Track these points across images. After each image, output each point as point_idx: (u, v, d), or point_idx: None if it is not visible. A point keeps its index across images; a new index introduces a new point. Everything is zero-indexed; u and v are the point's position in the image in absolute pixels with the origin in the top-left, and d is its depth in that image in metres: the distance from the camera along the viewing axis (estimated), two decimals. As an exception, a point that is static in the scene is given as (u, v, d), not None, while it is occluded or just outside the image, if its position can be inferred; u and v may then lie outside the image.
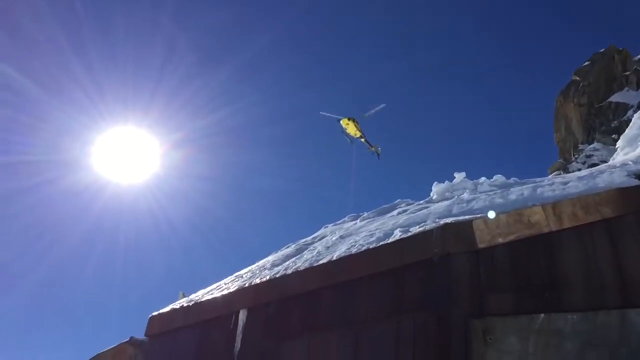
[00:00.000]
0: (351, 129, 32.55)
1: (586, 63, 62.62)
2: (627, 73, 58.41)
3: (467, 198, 7.44)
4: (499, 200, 6.47)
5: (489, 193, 7.43)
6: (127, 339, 8.63)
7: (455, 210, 6.81)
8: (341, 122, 32.47)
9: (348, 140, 33.45)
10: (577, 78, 61.61)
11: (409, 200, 9.76)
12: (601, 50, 62.84)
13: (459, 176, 9.58)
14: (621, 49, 61.58)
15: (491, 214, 5.62)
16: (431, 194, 9.42)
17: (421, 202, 9.12)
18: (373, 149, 34.05)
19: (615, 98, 56.71)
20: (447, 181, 9.60)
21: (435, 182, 9.67)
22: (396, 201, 9.92)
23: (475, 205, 6.70)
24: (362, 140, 33.46)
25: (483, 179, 8.84)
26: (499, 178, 8.66)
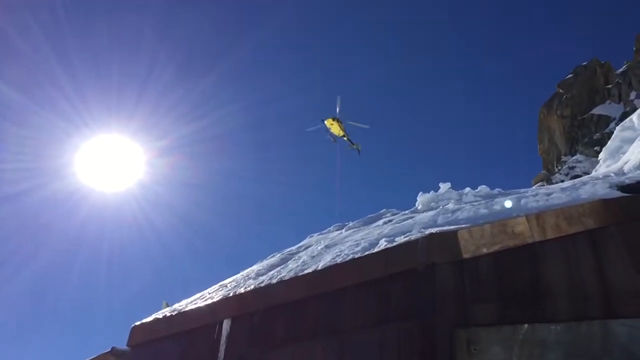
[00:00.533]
0: (335, 128, 34.05)
1: (569, 76, 63.46)
2: (610, 86, 59.28)
3: (452, 208, 7.48)
4: (483, 211, 6.51)
5: (474, 203, 7.48)
6: (109, 349, 8.51)
7: (440, 220, 6.84)
8: (325, 122, 33.71)
9: (331, 139, 34.66)
10: (561, 90, 62.42)
11: (394, 210, 9.79)
12: (584, 64, 63.74)
13: (444, 186, 9.64)
14: (603, 62, 62.49)
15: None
16: (416, 204, 9.46)
17: (406, 211, 9.16)
18: (354, 147, 35.42)
19: (597, 110, 57.52)
20: (432, 191, 9.66)
21: (421, 192, 9.72)
22: (382, 211, 9.94)
23: (460, 215, 6.74)
24: (345, 138, 34.74)
25: (468, 189, 8.91)
26: (483, 189, 8.73)
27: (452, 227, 6.01)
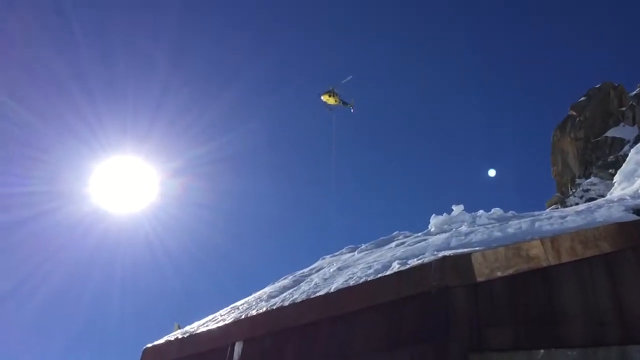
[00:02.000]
0: (331, 100, 36.66)
1: (582, 98, 63.23)
2: (623, 109, 58.97)
3: (465, 231, 7.43)
4: (497, 234, 6.46)
5: (487, 226, 7.42)
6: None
7: (453, 243, 6.80)
8: (322, 97, 36.51)
9: (327, 110, 37.48)
10: (574, 113, 62.16)
11: (407, 232, 9.74)
12: (597, 86, 63.53)
13: (457, 209, 9.59)
14: (616, 84, 62.27)
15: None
16: (429, 227, 9.41)
17: (419, 234, 9.11)
18: (349, 106, 37.99)
19: (611, 133, 57.14)
20: (445, 214, 9.60)
21: (433, 215, 9.67)
22: (394, 233, 9.90)
23: (474, 238, 6.69)
24: (342, 104, 37.46)
25: (481, 212, 8.85)
26: (497, 211, 8.67)
27: (465, 250, 5.96)
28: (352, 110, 39.26)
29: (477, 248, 5.83)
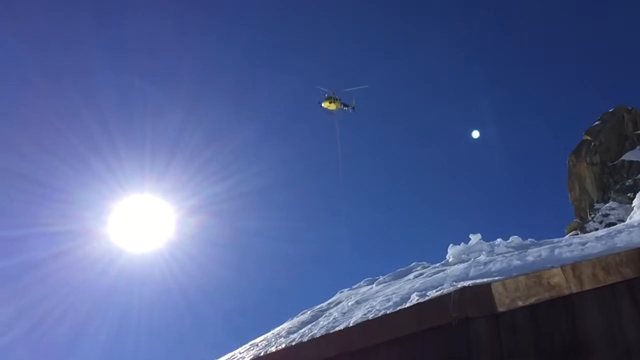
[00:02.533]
0: (333, 106, 36.87)
1: (596, 122, 63.04)
2: (639, 132, 58.63)
3: (484, 260, 7.36)
4: (516, 262, 6.39)
5: (506, 255, 7.35)
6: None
7: (472, 272, 6.73)
8: (323, 105, 36.79)
9: (330, 114, 37.77)
10: (588, 137, 61.89)
11: (424, 263, 9.66)
12: (610, 110, 63.37)
13: (475, 238, 9.50)
14: (630, 108, 62.08)
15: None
16: (447, 257, 9.32)
17: (437, 264, 9.02)
18: (350, 107, 38.01)
19: (628, 157, 56.72)
20: (462, 243, 9.51)
21: (451, 245, 9.58)
22: (412, 264, 9.82)
23: (493, 267, 6.62)
24: (344, 108, 37.54)
25: (499, 240, 8.77)
26: (515, 239, 8.58)
27: (485, 279, 5.90)
28: (352, 111, 39.28)
29: (497, 277, 5.76)
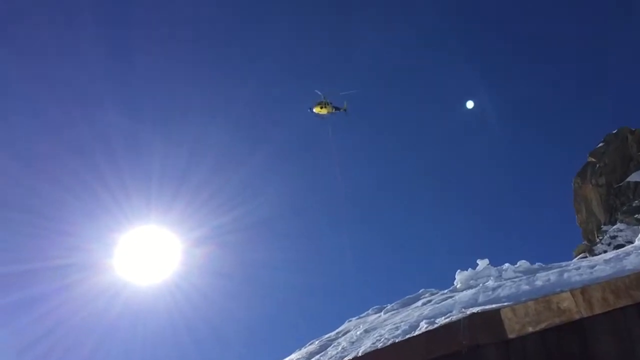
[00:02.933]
0: (324, 111, 36.38)
1: (600, 144, 63.02)
2: (643, 153, 58.62)
3: (492, 286, 7.31)
4: (525, 287, 6.34)
5: (514, 280, 7.30)
6: None
7: (481, 298, 6.67)
8: (314, 110, 36.25)
9: (320, 118, 37.20)
10: (593, 159, 61.82)
11: (432, 289, 9.59)
12: (614, 132, 63.42)
13: (482, 263, 9.44)
14: (634, 129, 62.14)
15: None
16: (455, 283, 9.26)
17: (445, 291, 8.96)
18: (342, 110, 37.41)
19: (633, 178, 56.56)
20: (470, 268, 9.45)
21: (458, 270, 9.52)
22: (420, 291, 9.75)
23: (502, 292, 6.57)
24: (335, 112, 37.05)
25: (507, 265, 8.71)
26: (523, 263, 8.53)
27: (494, 305, 5.85)
28: (345, 113, 38.58)
29: (506, 303, 5.72)
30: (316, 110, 36.82)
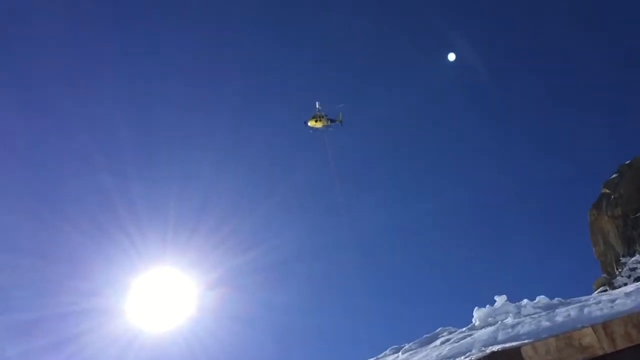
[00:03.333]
0: (319, 124, 36.11)
1: (614, 175, 62.57)
2: (658, 182, 58.07)
3: (511, 323, 7.20)
4: (545, 323, 6.24)
5: (534, 316, 7.19)
6: None
7: (500, 336, 6.56)
8: (309, 123, 36.08)
9: (314, 131, 37.01)
10: (607, 190, 61.30)
11: (450, 327, 9.46)
12: (627, 162, 63.03)
13: (500, 299, 9.33)
14: (647, 159, 61.73)
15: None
16: (473, 320, 9.14)
17: (464, 329, 8.84)
18: (338, 122, 37.01)
19: (650, 208, 55.89)
20: (488, 305, 9.33)
21: (476, 308, 9.41)
22: (438, 329, 9.62)
23: (521, 329, 6.46)
24: (330, 124, 36.85)
25: (525, 301, 8.60)
26: (542, 299, 8.42)
27: (514, 343, 5.75)
28: (341, 124, 38.26)
29: (526, 340, 5.62)
30: (311, 123, 36.68)
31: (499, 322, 7.82)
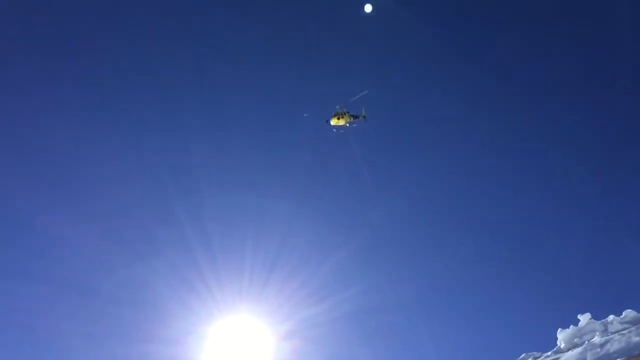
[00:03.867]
0: (342, 121, 35.14)
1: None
2: None
3: (599, 342, 6.93)
4: (636, 339, 5.98)
5: (623, 332, 6.89)
6: None
7: (590, 357, 6.32)
8: (332, 122, 35.06)
9: (339, 130, 36.24)
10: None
11: (535, 353, 9.20)
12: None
13: (584, 318, 8.98)
14: None
15: None
16: (558, 343, 8.83)
17: (549, 353, 8.56)
18: (361, 118, 35.73)
19: None
20: (571, 325, 9.00)
21: (560, 329, 9.10)
22: (522, 355, 9.37)
23: (611, 348, 6.21)
24: (354, 120, 35.97)
25: (611, 317, 8.26)
26: (629, 313, 8.07)
27: (605, 364, 5.51)
28: (365, 119, 37.17)
29: (618, 359, 5.39)
30: (333, 122, 35.97)
31: (586, 342, 7.54)
